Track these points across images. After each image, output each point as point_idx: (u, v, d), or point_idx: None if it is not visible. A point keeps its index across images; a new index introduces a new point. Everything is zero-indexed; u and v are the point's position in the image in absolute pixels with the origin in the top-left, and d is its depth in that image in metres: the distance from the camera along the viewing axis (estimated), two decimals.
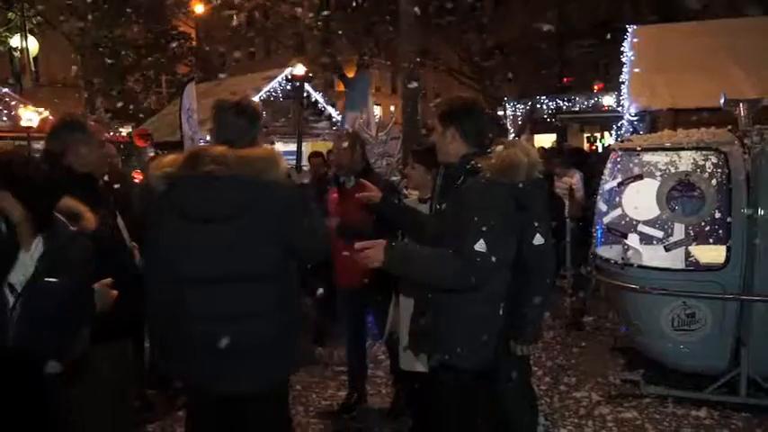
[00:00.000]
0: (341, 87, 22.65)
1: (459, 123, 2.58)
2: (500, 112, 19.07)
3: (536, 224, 2.74)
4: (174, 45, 20.61)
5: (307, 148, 10.11)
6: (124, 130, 14.35)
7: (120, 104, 17.83)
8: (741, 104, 4.28)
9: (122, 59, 18.42)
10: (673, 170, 4.53)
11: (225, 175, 2.26)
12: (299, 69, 2.94)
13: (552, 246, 2.94)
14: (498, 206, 2.43)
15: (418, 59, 9.97)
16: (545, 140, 19.38)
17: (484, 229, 2.36)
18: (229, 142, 2.36)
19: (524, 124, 19.28)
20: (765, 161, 4.04)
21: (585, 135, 23.39)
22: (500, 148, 2.57)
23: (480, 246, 2.35)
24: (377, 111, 29.36)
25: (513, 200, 2.48)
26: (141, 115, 18.27)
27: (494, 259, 2.36)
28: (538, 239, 2.74)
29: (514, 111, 19.17)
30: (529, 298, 2.78)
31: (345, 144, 4.18)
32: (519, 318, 2.80)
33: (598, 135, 22.61)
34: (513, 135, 20.71)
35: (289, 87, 12.77)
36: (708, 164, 4.44)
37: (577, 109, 17.67)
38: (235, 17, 17.07)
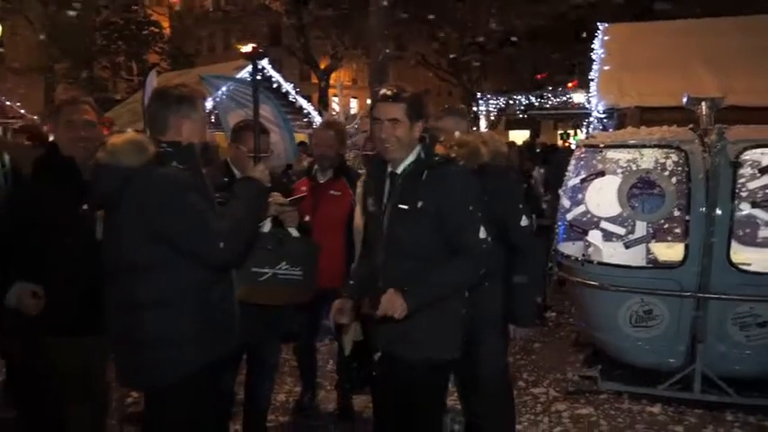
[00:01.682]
0: (315, 80, 22.46)
1: (424, 117, 2.52)
2: (474, 108, 19.12)
3: (520, 206, 2.96)
4: (145, 32, 20.18)
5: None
6: None
7: (87, 91, 17.36)
8: (703, 103, 4.30)
9: (89, 45, 17.94)
10: (634, 167, 4.55)
11: (103, 163, 2.30)
12: (247, 47, 2.80)
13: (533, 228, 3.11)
14: (479, 192, 2.56)
15: (388, 51, 9.89)
16: (519, 136, 19.50)
17: (479, 215, 2.47)
18: (149, 128, 2.40)
19: (497, 119, 19.37)
20: (724, 160, 4.07)
21: (559, 132, 23.62)
22: (457, 135, 2.62)
23: (483, 233, 2.46)
24: (354, 104, 29.13)
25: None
26: (107, 102, 17.86)
27: (488, 243, 2.49)
28: (524, 221, 2.96)
29: (487, 106, 19.22)
30: (523, 281, 2.94)
31: (332, 134, 3.95)
32: (517, 303, 2.99)
33: (571, 132, 22.86)
34: (486, 130, 20.84)
35: (259, 77, 12.58)
36: (669, 162, 4.46)
37: (549, 105, 17.81)
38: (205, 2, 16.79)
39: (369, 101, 12.44)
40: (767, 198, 4.47)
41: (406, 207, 2.45)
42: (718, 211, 4.07)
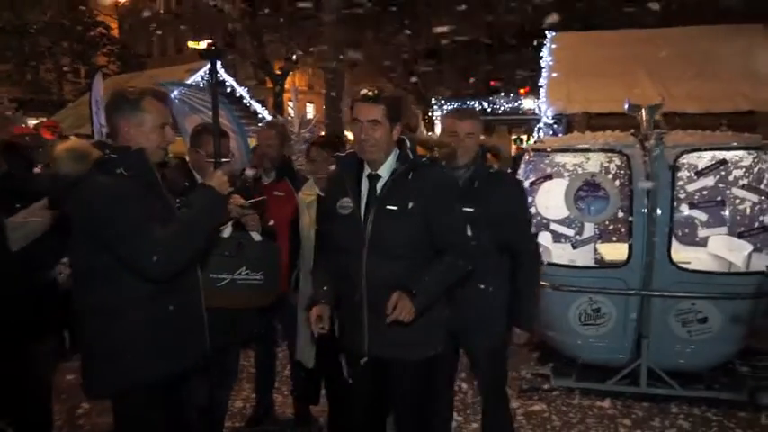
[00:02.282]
0: (270, 84, 22.26)
1: (403, 118, 2.57)
2: (429, 113, 19.34)
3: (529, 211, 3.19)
4: (91, 33, 19.58)
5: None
6: (32, 122, 13.48)
7: (26, 94, 16.69)
8: (643, 110, 4.49)
9: (32, 45, 17.27)
10: (580, 171, 4.70)
11: (44, 172, 2.38)
12: (203, 44, 2.72)
13: None
14: (460, 192, 2.69)
15: (341, 57, 9.92)
16: None
17: (465, 214, 2.56)
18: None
19: None
20: (663, 164, 4.26)
21: (513, 137, 24.12)
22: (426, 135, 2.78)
23: (469, 231, 2.55)
24: (310, 109, 28.98)
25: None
26: (52, 105, 17.24)
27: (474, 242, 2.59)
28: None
29: (442, 111, 19.47)
30: (523, 281, 3.03)
31: (273, 133, 4.02)
32: (520, 304, 3.05)
33: (524, 137, 23.37)
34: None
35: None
36: (612, 165, 4.64)
37: (501, 111, 18.16)
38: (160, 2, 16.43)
39: (324, 107, 12.47)
40: (704, 200, 4.71)
41: (394, 208, 2.45)
42: (659, 213, 4.26)
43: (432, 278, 2.45)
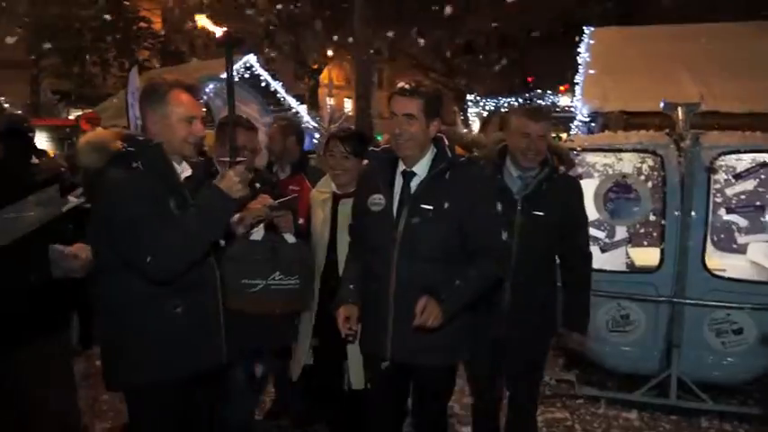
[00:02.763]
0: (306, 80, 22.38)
1: (440, 114, 2.49)
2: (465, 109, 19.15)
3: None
4: (135, 27, 20.03)
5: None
6: (74, 114, 13.90)
7: (73, 87, 17.17)
8: (679, 108, 4.30)
9: (79, 40, 17.76)
10: (611, 171, 4.54)
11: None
12: (218, 32, 2.60)
13: None
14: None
15: (372, 51, 9.85)
16: None
17: (502, 218, 2.53)
18: None
19: (488, 121, 19.39)
20: (698, 165, 4.07)
21: (552, 134, 23.66)
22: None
23: (504, 235, 2.50)
24: (348, 104, 29.08)
25: None
26: (98, 98, 17.70)
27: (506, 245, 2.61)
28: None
29: (478, 108, 19.26)
30: (580, 285, 2.99)
31: (275, 129, 4.05)
32: (578, 308, 3.01)
33: (563, 135, 22.92)
34: (478, 131, 20.84)
35: (247, 75, 12.50)
36: (645, 166, 4.46)
37: None
38: None
39: (354, 100, 12.41)
40: (743, 204, 4.48)
41: (429, 208, 2.39)
42: (693, 217, 4.07)
43: (462, 284, 2.36)
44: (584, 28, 9.32)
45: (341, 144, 3.10)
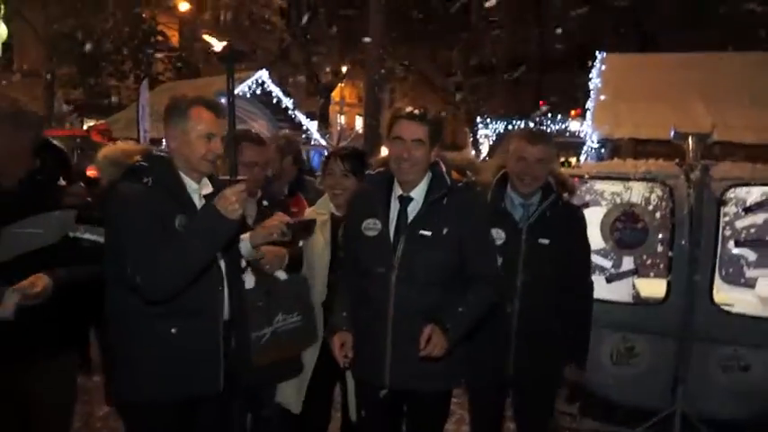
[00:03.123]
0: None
1: (440, 141, 2.49)
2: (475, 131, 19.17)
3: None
4: (151, 41, 20.33)
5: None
6: (87, 125, 14.06)
7: (87, 97, 17.40)
8: (690, 138, 4.24)
9: (97, 50, 18.03)
10: (618, 200, 4.47)
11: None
12: (219, 46, 2.52)
13: None
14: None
15: (383, 71, 9.91)
16: None
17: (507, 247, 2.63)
18: None
19: (498, 144, 19.37)
20: (708, 197, 3.99)
21: (561, 159, 23.61)
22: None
23: (498, 260, 2.53)
24: (359, 122, 29.30)
25: None
26: (112, 108, 17.93)
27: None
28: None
29: (487, 130, 19.26)
30: (582, 317, 2.93)
31: (272, 149, 3.76)
32: (579, 342, 2.95)
33: (572, 160, 22.85)
34: (486, 154, 20.82)
35: (259, 91, 12.61)
36: (653, 196, 4.39)
37: (548, 132, 17.79)
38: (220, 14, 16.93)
39: (364, 119, 12.44)
40: (753, 237, 4.40)
41: (428, 233, 2.38)
42: (702, 249, 3.99)
43: (465, 311, 2.35)
44: (597, 53, 9.33)
45: (341, 162, 3.02)
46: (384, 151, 3.24)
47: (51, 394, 2.52)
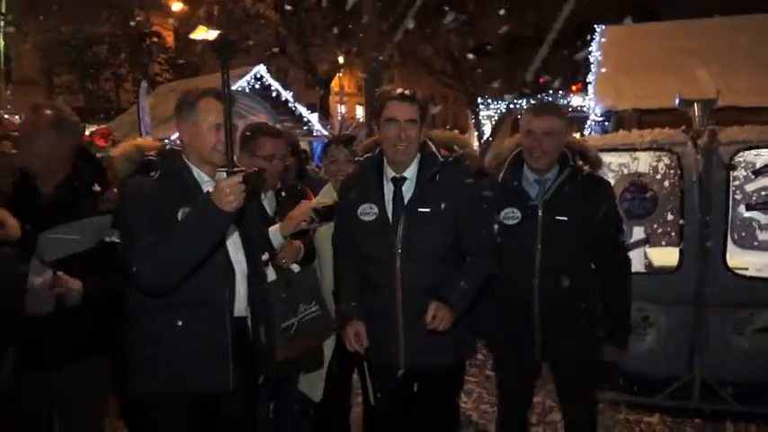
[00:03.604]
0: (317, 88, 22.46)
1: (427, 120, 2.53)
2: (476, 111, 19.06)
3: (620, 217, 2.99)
4: (146, 43, 20.29)
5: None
6: (89, 130, 14.03)
7: (86, 103, 17.43)
8: (695, 104, 4.21)
9: (92, 56, 18.03)
10: (626, 171, 4.45)
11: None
12: (211, 35, 2.45)
13: None
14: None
15: (381, 58, 9.86)
16: None
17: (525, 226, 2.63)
18: None
19: (500, 124, 19.27)
20: (717, 163, 3.97)
21: None
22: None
23: (495, 229, 2.55)
24: (360, 111, 29.10)
25: None
26: (112, 113, 17.95)
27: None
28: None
29: (488, 110, 19.15)
30: (616, 295, 2.81)
31: (283, 144, 3.88)
32: (613, 320, 2.83)
33: (576, 135, 22.70)
34: (489, 134, 20.72)
35: (257, 86, 12.58)
36: (660, 165, 4.37)
37: None
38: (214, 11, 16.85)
39: (364, 107, 12.38)
40: (763, 200, 4.37)
41: (427, 210, 2.41)
42: (713, 215, 3.98)
43: (466, 285, 2.39)
44: (596, 26, 9.22)
45: (344, 148, 3.03)
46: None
47: (83, 395, 2.54)
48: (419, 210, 2.42)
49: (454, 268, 2.42)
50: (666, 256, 4.47)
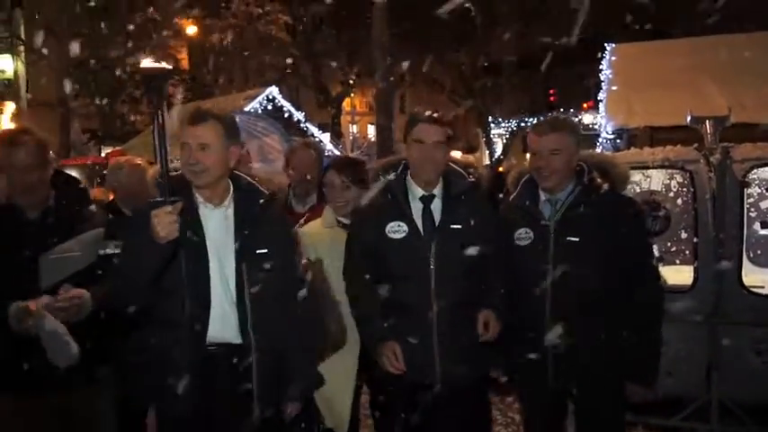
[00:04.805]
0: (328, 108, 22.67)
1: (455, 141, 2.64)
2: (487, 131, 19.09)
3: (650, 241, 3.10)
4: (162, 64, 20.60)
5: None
6: (104, 152, 14.29)
7: (102, 126, 17.71)
8: (707, 122, 4.20)
9: (109, 78, 18.36)
10: (638, 189, 4.43)
11: None
12: (146, 62, 2.46)
13: None
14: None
15: (392, 79, 9.95)
16: None
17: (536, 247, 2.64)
18: None
19: (511, 142, 19.30)
20: (730, 179, 3.94)
21: None
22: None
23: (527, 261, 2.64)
24: (371, 130, 29.39)
25: None
26: (128, 135, 18.19)
27: None
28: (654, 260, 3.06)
29: (499, 128, 19.20)
30: (643, 325, 2.63)
31: (312, 153, 3.63)
32: (638, 354, 2.61)
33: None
34: (500, 153, 20.74)
35: (270, 107, 12.74)
36: (673, 182, 4.35)
37: None
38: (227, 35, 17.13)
39: (375, 127, 12.43)
40: None
41: (459, 227, 2.51)
42: (727, 233, 3.94)
43: (497, 295, 2.53)
44: (606, 44, 9.27)
45: (340, 174, 2.96)
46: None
47: (91, 412, 2.56)
48: (452, 227, 2.52)
49: (482, 280, 2.55)
50: (680, 274, 4.42)
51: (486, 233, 2.55)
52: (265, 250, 2.26)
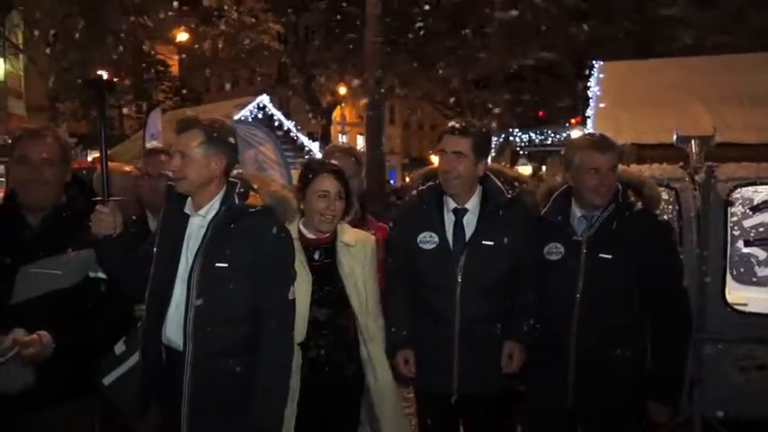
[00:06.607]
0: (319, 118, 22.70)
1: (488, 154, 2.62)
2: None
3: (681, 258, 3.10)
4: (152, 70, 20.59)
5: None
6: (92, 156, 14.21)
7: (88, 130, 17.63)
8: (693, 141, 4.27)
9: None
10: None
11: None
12: (98, 74, 2.44)
13: None
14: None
15: (383, 90, 10.01)
16: (523, 170, 19.57)
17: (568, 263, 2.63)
18: None
19: (499, 155, 19.44)
20: (714, 198, 4.01)
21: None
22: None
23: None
24: (360, 141, 29.46)
25: None
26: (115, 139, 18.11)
27: None
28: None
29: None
30: (670, 344, 2.67)
31: (353, 161, 3.09)
32: (664, 372, 2.66)
33: None
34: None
35: (260, 116, 12.77)
36: None
37: (549, 142, 17.97)
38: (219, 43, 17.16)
39: (365, 137, 12.49)
40: (761, 236, 4.41)
41: (490, 243, 2.51)
42: (711, 251, 4.00)
43: (525, 319, 2.54)
44: (594, 62, 9.39)
45: (336, 182, 2.59)
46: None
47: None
48: (483, 242, 2.52)
49: (508, 296, 2.56)
50: None
51: (519, 249, 2.54)
52: (225, 265, 2.20)
